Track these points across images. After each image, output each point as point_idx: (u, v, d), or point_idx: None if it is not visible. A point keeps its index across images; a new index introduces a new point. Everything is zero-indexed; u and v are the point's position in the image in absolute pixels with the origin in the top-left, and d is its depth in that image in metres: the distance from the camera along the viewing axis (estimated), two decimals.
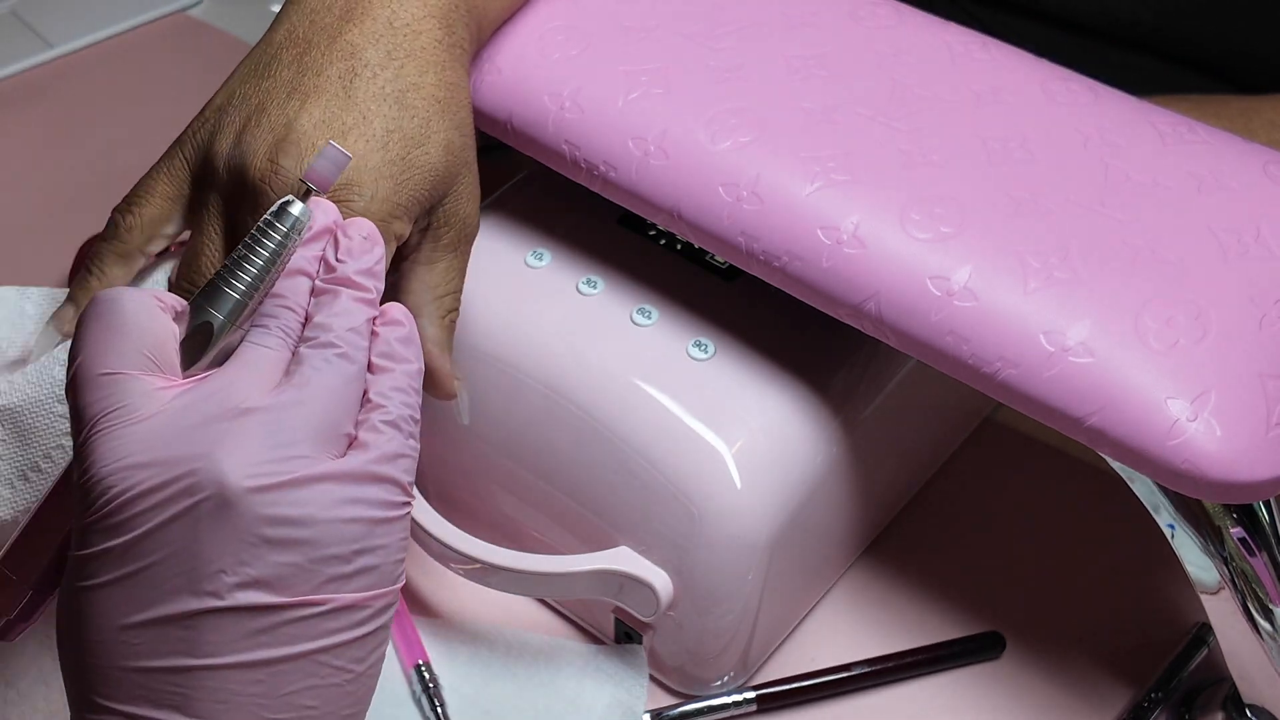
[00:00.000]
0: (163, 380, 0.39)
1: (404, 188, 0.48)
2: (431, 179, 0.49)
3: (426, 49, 0.50)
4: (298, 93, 0.48)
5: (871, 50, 0.57)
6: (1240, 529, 0.48)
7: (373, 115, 0.48)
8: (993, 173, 0.52)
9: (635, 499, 0.53)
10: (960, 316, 0.48)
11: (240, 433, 0.37)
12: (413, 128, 0.48)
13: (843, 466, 0.55)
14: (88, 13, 0.99)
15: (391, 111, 0.48)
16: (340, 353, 0.40)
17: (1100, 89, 0.57)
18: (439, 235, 0.51)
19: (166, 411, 0.38)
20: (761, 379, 0.54)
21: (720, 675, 0.57)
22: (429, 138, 0.49)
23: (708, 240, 0.53)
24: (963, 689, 0.58)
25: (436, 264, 0.51)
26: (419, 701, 0.57)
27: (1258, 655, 0.51)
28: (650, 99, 0.55)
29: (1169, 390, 0.45)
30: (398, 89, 0.49)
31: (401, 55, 0.49)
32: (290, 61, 0.49)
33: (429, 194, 0.49)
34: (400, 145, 0.48)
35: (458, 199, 0.51)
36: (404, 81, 0.49)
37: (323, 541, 0.37)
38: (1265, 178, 0.52)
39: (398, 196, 0.48)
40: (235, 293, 0.41)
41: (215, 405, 0.38)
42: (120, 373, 0.39)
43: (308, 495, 0.37)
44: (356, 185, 0.47)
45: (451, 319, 0.52)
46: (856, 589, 0.62)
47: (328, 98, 0.48)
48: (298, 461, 0.38)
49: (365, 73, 0.48)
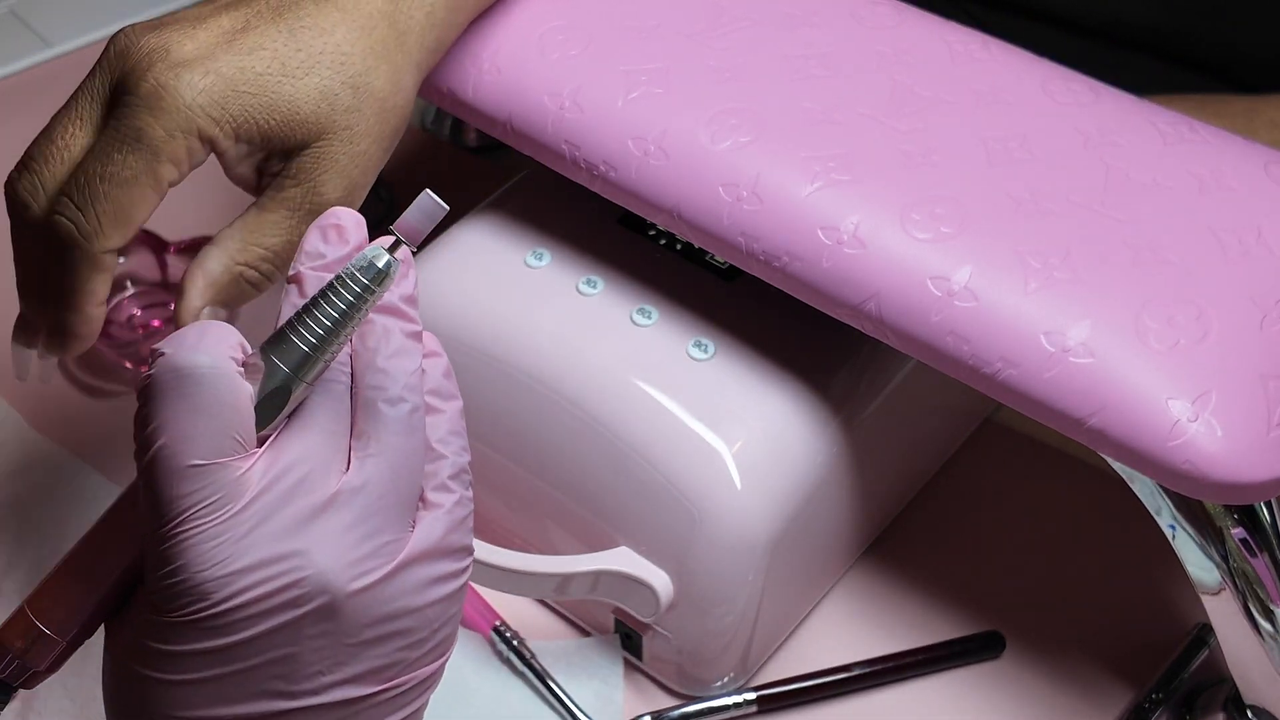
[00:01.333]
0: (247, 459, 0.36)
1: (240, 104, 0.46)
2: (286, 114, 0.47)
3: (368, 13, 0.49)
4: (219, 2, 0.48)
5: (872, 50, 0.57)
6: (1241, 530, 0.48)
7: (253, 26, 0.47)
8: (993, 173, 0.52)
9: (635, 499, 0.53)
10: (960, 317, 0.48)
11: (334, 524, 0.36)
12: (292, 61, 0.47)
13: (843, 466, 0.55)
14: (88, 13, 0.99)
15: (278, 35, 0.47)
16: (411, 408, 0.37)
17: (1101, 88, 0.57)
18: (282, 185, 0.48)
19: (259, 503, 0.35)
20: (761, 379, 0.54)
21: (720, 676, 0.57)
22: (306, 75, 0.47)
23: (708, 240, 0.53)
24: (963, 689, 0.58)
25: (265, 213, 0.48)
26: (509, 661, 0.58)
27: (1258, 656, 0.50)
28: (650, 99, 0.55)
29: (1170, 391, 0.45)
30: (304, 26, 0.47)
31: (332, 9, 0.48)
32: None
33: (275, 127, 0.47)
34: (265, 62, 0.46)
35: (318, 159, 0.48)
36: (313, 23, 0.48)
37: (415, 630, 0.37)
38: (1266, 178, 0.52)
39: (228, 107, 0.46)
40: (314, 351, 0.37)
41: (305, 492, 0.36)
42: (211, 463, 0.35)
43: (400, 585, 0.36)
44: (189, 70, 0.45)
45: (244, 274, 0.48)
46: (856, 589, 0.62)
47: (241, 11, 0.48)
48: (389, 546, 0.36)
49: (291, 4, 0.48)
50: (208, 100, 0.46)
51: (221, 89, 0.46)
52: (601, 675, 0.57)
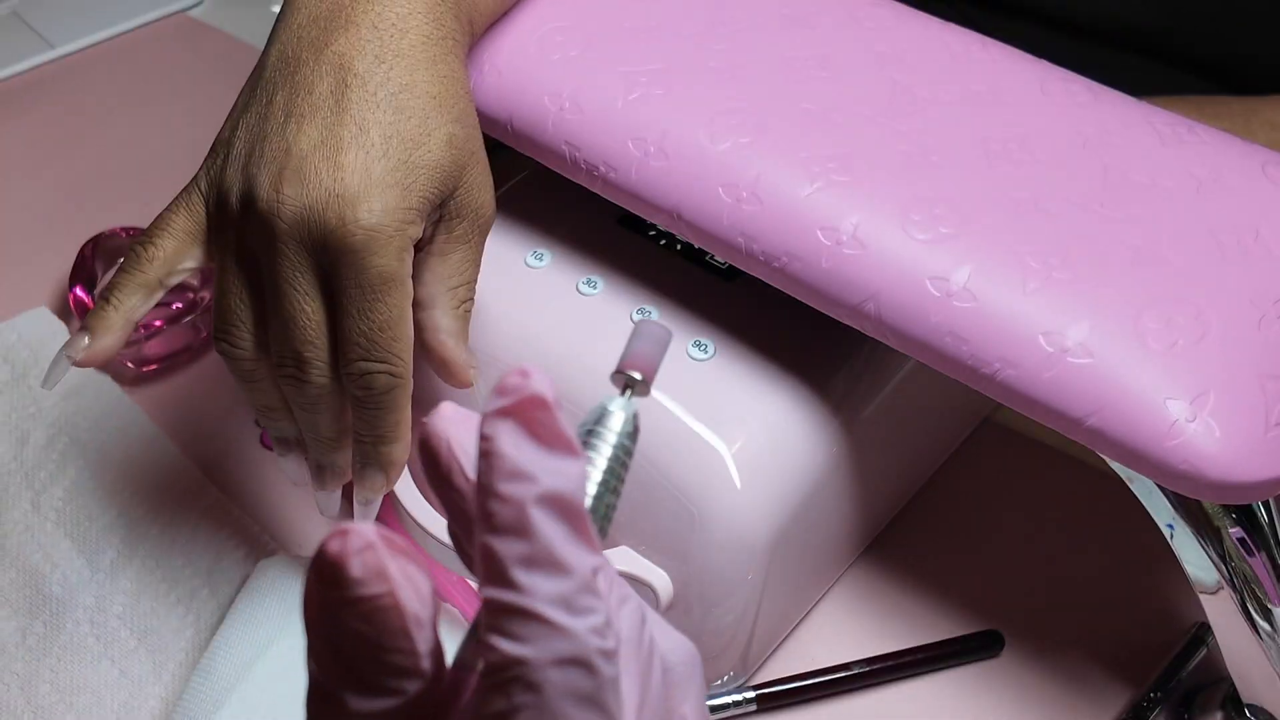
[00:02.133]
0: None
1: (412, 192, 0.48)
2: (439, 177, 0.49)
3: (416, 46, 0.50)
4: (293, 116, 0.48)
5: (871, 51, 0.57)
6: (1239, 529, 0.48)
7: (369, 124, 0.48)
8: (992, 173, 0.52)
9: (635, 499, 0.53)
10: (960, 317, 0.48)
11: None
12: (411, 129, 0.48)
13: (843, 466, 0.56)
14: (88, 13, 0.99)
15: (387, 117, 0.48)
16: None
17: (1100, 89, 0.57)
18: (452, 227, 0.51)
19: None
20: (761, 379, 0.54)
21: (720, 675, 0.57)
22: (429, 135, 0.49)
23: (707, 241, 0.53)
24: (962, 688, 0.58)
25: (450, 255, 0.51)
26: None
27: (1256, 655, 0.51)
28: (650, 100, 0.55)
29: (1168, 391, 0.46)
30: (390, 92, 0.49)
31: (390, 57, 0.49)
32: (283, 83, 0.49)
33: (438, 192, 0.49)
34: (401, 149, 0.48)
35: (469, 190, 0.51)
36: (395, 84, 0.49)
37: None
38: (1265, 178, 0.53)
39: (406, 202, 0.48)
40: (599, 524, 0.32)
41: None
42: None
43: None
44: (365, 200, 0.47)
45: (466, 309, 0.52)
46: (856, 589, 0.62)
47: (321, 115, 0.48)
48: None
49: (355, 83, 0.48)
50: (402, 216, 0.48)
51: (399, 195, 0.48)
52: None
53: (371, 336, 0.48)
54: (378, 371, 0.49)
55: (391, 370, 0.49)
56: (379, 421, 0.50)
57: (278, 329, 0.49)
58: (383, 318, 0.48)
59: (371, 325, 0.48)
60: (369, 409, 0.50)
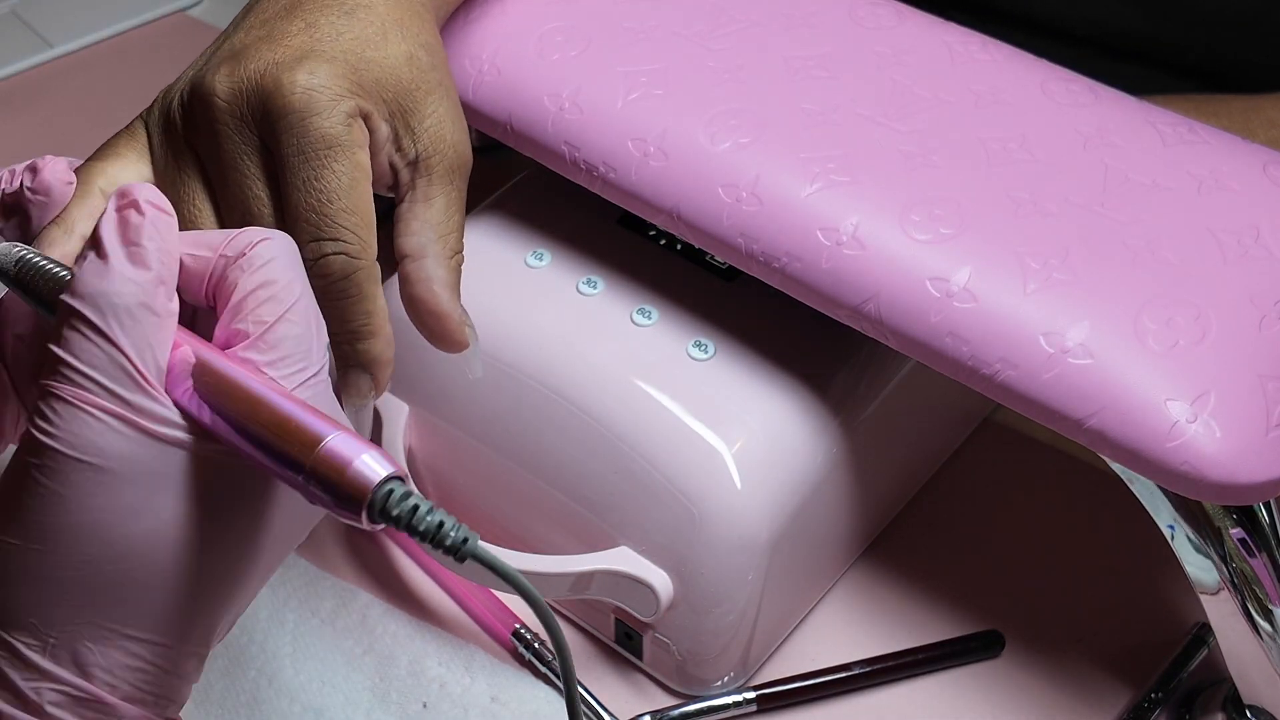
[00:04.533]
0: None
1: (360, 74, 0.46)
2: (390, 82, 0.47)
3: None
4: (242, 26, 0.48)
5: (871, 51, 0.57)
6: (1240, 530, 0.48)
7: (319, 23, 0.47)
8: (992, 173, 0.52)
9: (635, 499, 0.53)
10: (960, 318, 0.48)
11: None
12: (365, 31, 0.47)
13: (843, 466, 0.55)
14: (88, 13, 0.99)
15: (340, 20, 0.47)
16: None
17: (1100, 89, 0.57)
18: (430, 166, 0.48)
19: None
20: (761, 379, 0.54)
21: (720, 675, 0.57)
22: (385, 43, 0.47)
23: (707, 241, 0.53)
24: (962, 688, 0.58)
25: (434, 200, 0.48)
26: (530, 664, 0.58)
27: (1257, 656, 0.51)
28: (650, 100, 0.55)
29: (1168, 392, 0.46)
30: (347, 10, 0.48)
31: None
32: (240, 15, 0.49)
33: (390, 95, 0.47)
34: (352, 44, 0.47)
35: (439, 122, 0.48)
36: (353, 2, 0.48)
37: None
38: (1265, 178, 0.52)
39: (353, 78, 0.46)
40: None
41: None
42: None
43: None
44: (306, 64, 0.45)
45: (458, 261, 0.49)
46: (856, 589, 0.62)
47: (271, 17, 0.47)
48: None
49: (310, 3, 0.48)
50: (347, 82, 0.46)
51: (344, 70, 0.46)
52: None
53: (320, 210, 0.45)
54: (331, 252, 0.45)
55: (346, 249, 0.45)
56: (348, 314, 0.46)
57: (231, 221, 0.46)
58: (329, 186, 0.45)
59: (319, 196, 0.45)
60: (333, 300, 0.46)
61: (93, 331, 0.37)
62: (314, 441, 0.37)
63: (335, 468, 0.36)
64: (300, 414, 0.37)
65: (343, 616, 0.59)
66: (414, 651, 0.58)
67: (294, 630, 0.59)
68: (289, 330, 0.40)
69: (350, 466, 0.36)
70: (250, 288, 0.40)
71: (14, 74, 0.94)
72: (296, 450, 0.37)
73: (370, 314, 0.46)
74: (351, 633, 0.59)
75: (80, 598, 0.38)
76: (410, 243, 0.48)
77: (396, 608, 0.60)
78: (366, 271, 0.46)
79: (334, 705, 0.56)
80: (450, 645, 0.58)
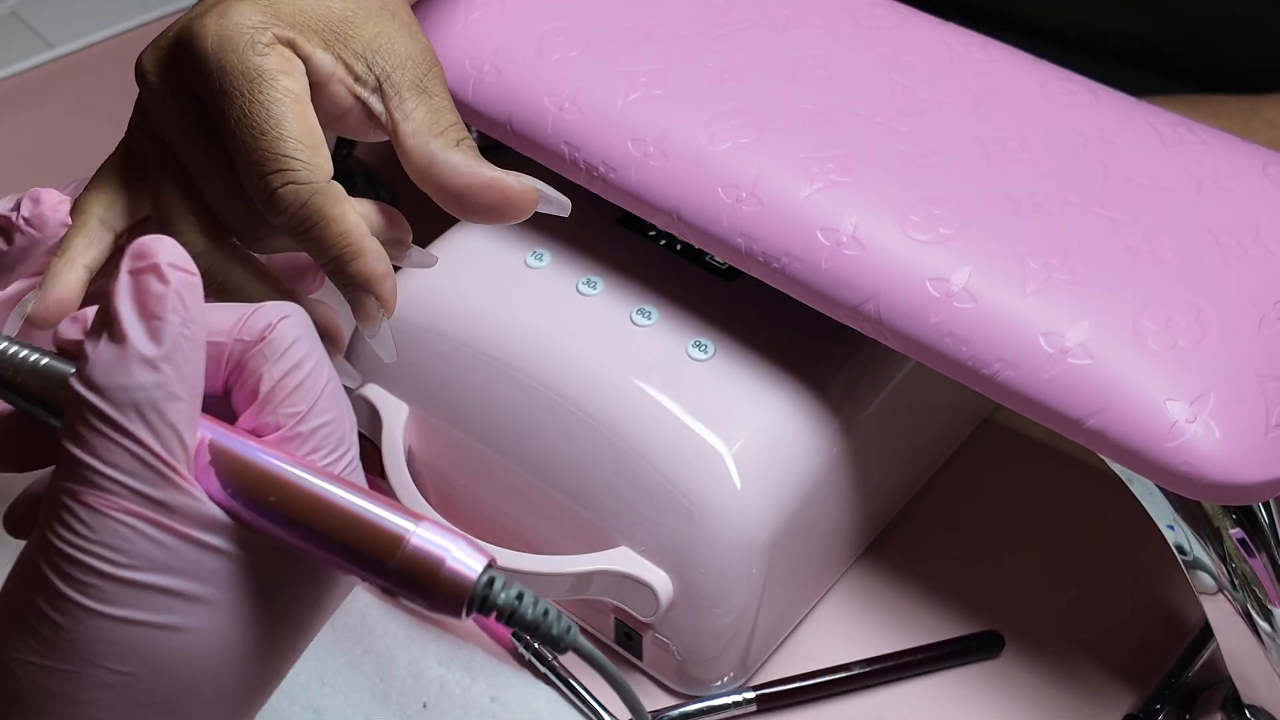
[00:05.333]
0: None
1: (280, 5, 0.45)
2: (323, 10, 0.45)
3: None
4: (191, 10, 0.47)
5: (871, 51, 0.57)
6: (1239, 530, 0.48)
7: None
8: (992, 174, 0.52)
9: (635, 499, 0.53)
10: (959, 318, 0.48)
11: None
12: None
13: (843, 466, 0.55)
14: (88, 13, 0.99)
15: None
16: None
17: (1100, 89, 0.57)
18: (395, 83, 0.46)
19: None
20: (761, 379, 0.54)
21: (720, 675, 0.57)
22: None
23: (707, 241, 0.53)
24: (962, 688, 0.58)
25: (413, 113, 0.45)
26: (530, 664, 0.58)
27: (1257, 656, 0.51)
28: (649, 100, 0.55)
29: (1168, 392, 0.46)
30: None
31: None
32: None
33: (324, 23, 0.45)
34: None
35: (388, 39, 0.46)
36: None
37: None
38: (1265, 178, 0.52)
39: (274, 8, 0.44)
40: None
41: None
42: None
43: None
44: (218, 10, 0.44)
45: (469, 143, 0.46)
46: (856, 589, 0.62)
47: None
48: None
49: None
50: (261, 14, 0.44)
51: (260, 6, 0.44)
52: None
53: (257, 144, 0.43)
54: (278, 185, 0.43)
55: (294, 178, 0.43)
56: (323, 242, 0.44)
57: (209, 195, 0.45)
58: (260, 118, 0.43)
59: (252, 132, 0.43)
60: (301, 232, 0.44)
61: (114, 430, 0.34)
62: (396, 540, 0.34)
63: (427, 568, 0.34)
64: (372, 509, 0.34)
65: (343, 616, 0.59)
66: (414, 651, 0.58)
67: None
68: (322, 418, 0.37)
69: (444, 565, 0.34)
70: (277, 377, 0.37)
71: (14, 74, 0.94)
72: (379, 550, 0.34)
73: (344, 234, 0.44)
74: (351, 633, 0.59)
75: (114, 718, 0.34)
76: (414, 158, 0.45)
77: (396, 608, 0.60)
78: (323, 194, 0.43)
79: (334, 705, 0.56)
80: (450, 645, 0.58)
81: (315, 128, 0.44)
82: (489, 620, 0.34)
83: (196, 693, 0.35)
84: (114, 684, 0.34)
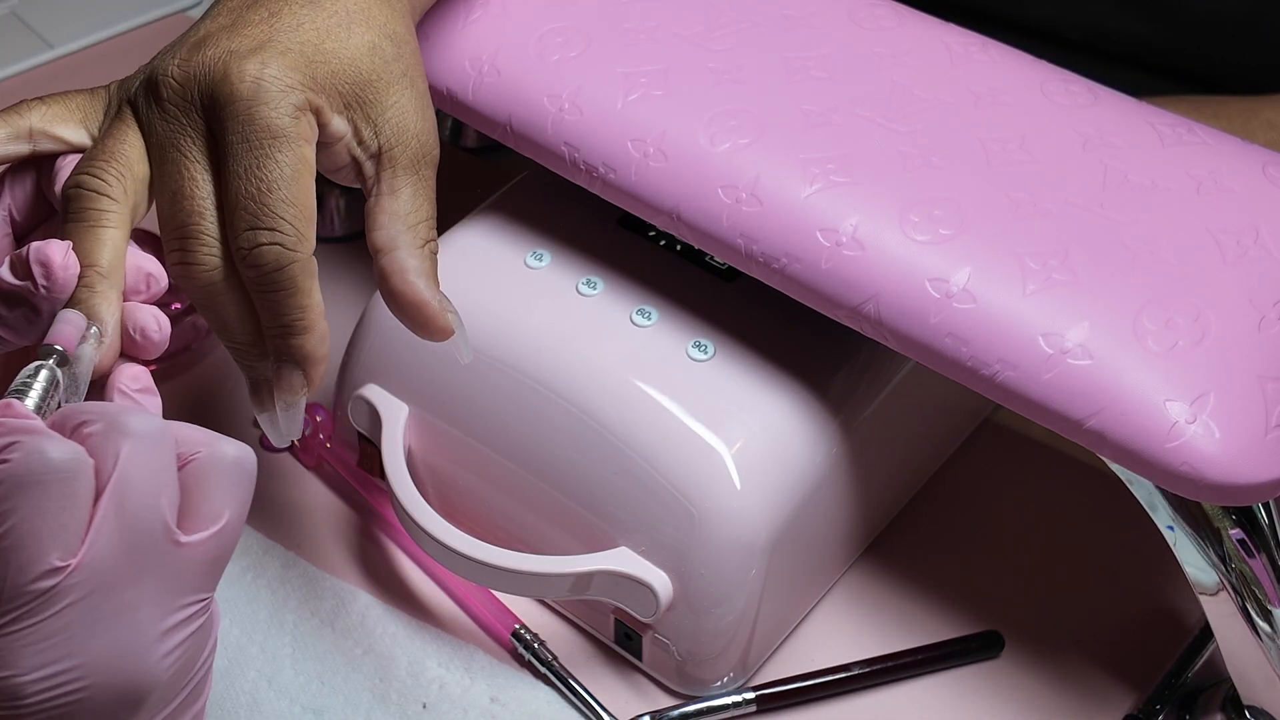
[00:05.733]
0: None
1: (315, 66, 0.46)
2: (348, 73, 0.47)
3: None
4: (209, 15, 0.48)
5: (871, 52, 0.57)
6: (1239, 530, 0.48)
7: (281, 12, 0.47)
8: (992, 174, 0.52)
9: (635, 499, 0.54)
10: (959, 318, 0.48)
11: None
12: (328, 22, 0.47)
13: (843, 467, 0.56)
14: (88, 13, 0.99)
15: (303, 9, 0.47)
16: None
17: (1099, 90, 0.57)
18: (394, 158, 0.48)
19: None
20: (761, 379, 0.54)
21: (720, 676, 0.57)
22: (348, 33, 0.47)
23: (707, 242, 0.53)
24: (962, 689, 0.58)
25: (400, 192, 0.47)
26: (530, 664, 0.58)
27: (1257, 657, 0.51)
28: (649, 100, 0.55)
29: (1168, 392, 0.46)
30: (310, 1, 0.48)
31: None
32: (212, 10, 0.49)
33: (347, 86, 0.47)
34: (313, 33, 0.46)
35: (401, 113, 0.48)
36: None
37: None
38: (1264, 179, 0.52)
39: (307, 72, 0.46)
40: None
41: None
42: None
43: None
44: (259, 55, 0.45)
45: (431, 248, 0.48)
46: (856, 589, 0.62)
47: (236, 7, 0.48)
48: None
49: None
50: (300, 75, 0.45)
51: (299, 62, 0.46)
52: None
53: (259, 198, 0.44)
54: (265, 242, 0.44)
55: (282, 241, 0.44)
56: (281, 308, 0.45)
57: (164, 204, 0.46)
58: (271, 176, 0.44)
59: (259, 185, 0.44)
60: (266, 292, 0.45)
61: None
62: None
63: None
64: None
65: (343, 617, 0.59)
66: (414, 652, 0.58)
67: (294, 631, 0.59)
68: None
69: None
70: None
71: (14, 74, 0.94)
72: None
73: (305, 309, 0.45)
74: (351, 633, 0.59)
75: None
76: (380, 237, 0.47)
77: (396, 608, 0.60)
78: (302, 265, 0.45)
79: (334, 706, 0.56)
80: (450, 645, 0.59)
81: (313, 202, 0.46)
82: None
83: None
84: None
